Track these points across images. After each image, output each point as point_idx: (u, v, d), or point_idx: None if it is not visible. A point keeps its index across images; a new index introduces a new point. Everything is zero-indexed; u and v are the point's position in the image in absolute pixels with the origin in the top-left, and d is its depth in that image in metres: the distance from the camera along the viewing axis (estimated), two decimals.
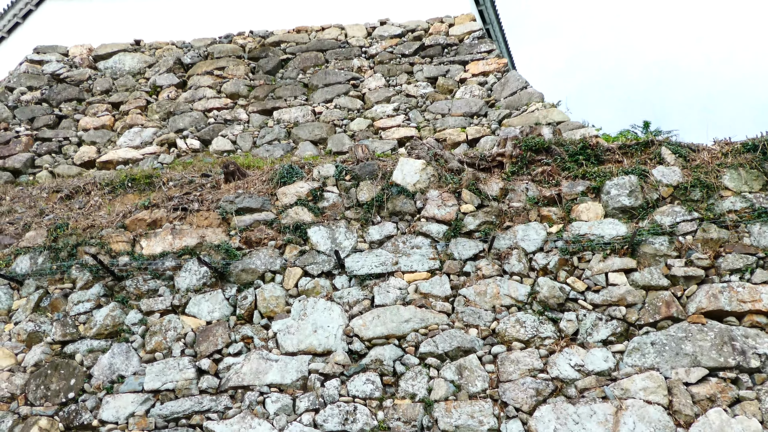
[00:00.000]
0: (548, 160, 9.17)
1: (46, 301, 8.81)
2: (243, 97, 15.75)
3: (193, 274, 8.69)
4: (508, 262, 8.25)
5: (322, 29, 17.15)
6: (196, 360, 8.02)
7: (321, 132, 14.59)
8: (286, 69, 16.33)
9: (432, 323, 7.90)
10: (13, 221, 9.90)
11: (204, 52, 16.88)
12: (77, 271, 8.94)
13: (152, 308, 8.51)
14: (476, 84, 15.09)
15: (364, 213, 8.96)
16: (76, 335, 8.47)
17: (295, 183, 9.46)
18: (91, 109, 16.02)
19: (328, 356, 7.84)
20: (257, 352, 7.94)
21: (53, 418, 7.86)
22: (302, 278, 8.50)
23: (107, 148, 15.09)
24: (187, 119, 15.26)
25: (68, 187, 10.78)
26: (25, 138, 15.26)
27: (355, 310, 8.14)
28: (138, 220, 9.39)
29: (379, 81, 15.57)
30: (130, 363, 8.12)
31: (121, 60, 17.07)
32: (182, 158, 14.29)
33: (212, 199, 9.47)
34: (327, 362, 7.77)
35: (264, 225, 9.01)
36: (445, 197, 8.87)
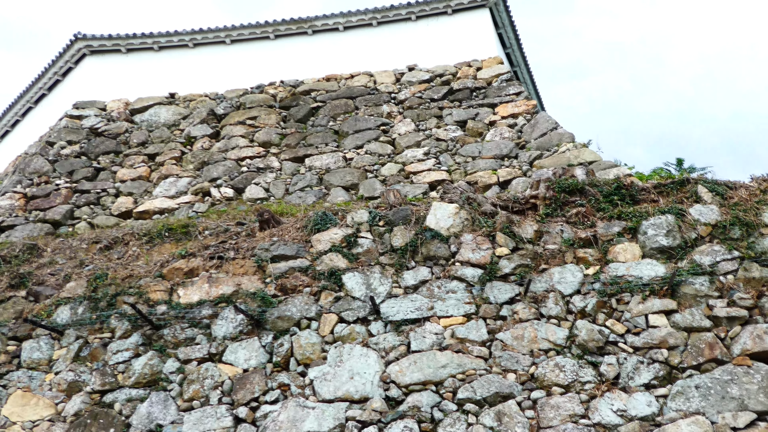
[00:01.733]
0: (582, 201, 9.13)
1: (86, 350, 8.91)
2: (275, 146, 16.02)
3: (230, 321, 8.74)
4: (545, 305, 8.17)
5: (351, 77, 17.46)
6: (234, 408, 8.01)
7: (352, 178, 14.73)
8: (317, 117, 16.60)
9: (469, 368, 7.81)
10: (54, 272, 10.09)
11: (236, 102, 17.26)
12: (116, 320, 9.06)
13: (190, 356, 8.56)
14: (506, 126, 15.17)
15: (398, 258, 8.97)
16: (115, 384, 8.53)
17: (329, 230, 9.53)
18: (128, 160, 16.40)
19: (365, 403, 7.77)
20: (294, 399, 7.91)
21: None
22: (338, 324, 8.50)
23: (143, 198, 15.40)
24: (221, 168, 15.54)
25: (107, 238, 10.98)
26: (65, 190, 15.65)
27: (391, 356, 8.09)
28: (175, 269, 9.52)
29: (408, 126, 15.74)
30: (168, 411, 8.13)
31: (156, 113, 17.52)
32: (216, 207, 14.50)
33: (247, 247, 9.57)
34: (364, 409, 7.70)
35: (299, 272, 9.06)
36: (479, 241, 8.86)
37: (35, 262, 10.58)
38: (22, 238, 13.61)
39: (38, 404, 8.53)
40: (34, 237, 13.42)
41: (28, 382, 8.77)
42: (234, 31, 18.30)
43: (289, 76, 17.68)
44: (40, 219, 15.06)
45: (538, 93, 21.49)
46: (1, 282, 10.09)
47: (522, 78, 19.85)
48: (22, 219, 15.15)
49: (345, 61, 17.67)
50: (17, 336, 9.26)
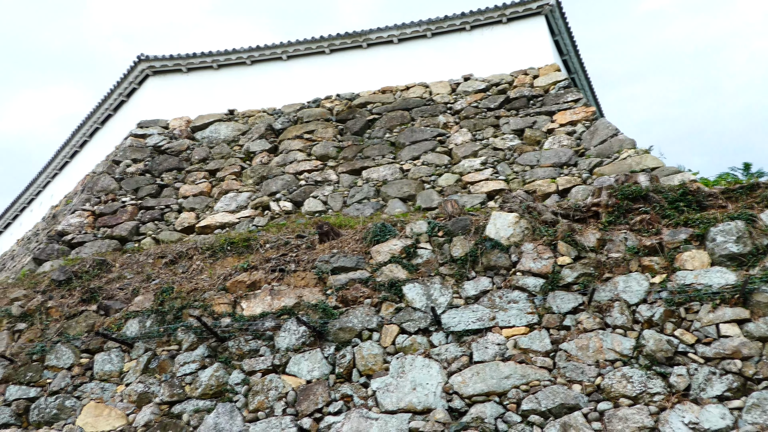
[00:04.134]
0: (646, 208, 8.92)
1: (155, 362, 9.14)
2: (332, 159, 16.19)
3: (292, 333, 8.85)
4: (610, 314, 7.99)
5: (407, 88, 17.53)
6: (298, 419, 8.08)
7: (409, 189, 14.76)
8: (373, 129, 16.72)
9: (533, 379, 7.70)
10: (122, 287, 10.41)
11: (293, 117, 17.53)
12: (182, 333, 9.27)
13: (254, 368, 8.69)
14: (564, 134, 14.97)
15: (459, 268, 8.94)
16: (183, 395, 8.72)
17: (388, 241, 9.56)
18: (190, 177, 16.83)
19: (428, 414, 7.74)
20: (357, 410, 7.94)
21: None
22: (399, 335, 8.50)
23: (205, 213, 15.76)
24: (280, 182, 15.78)
25: (172, 253, 11.28)
26: (131, 207, 16.15)
27: (453, 366, 8.04)
28: (238, 282, 9.70)
29: (465, 136, 15.70)
30: (234, 422, 8.26)
31: (216, 129, 17.94)
32: (276, 220, 14.73)
33: (308, 259, 9.68)
34: (427, 420, 7.66)
35: (359, 283, 9.12)
36: (540, 250, 8.75)
37: (105, 277, 10.94)
38: (92, 254, 14.11)
39: (110, 415, 8.80)
40: (102, 253, 13.89)
41: (100, 394, 9.05)
42: (290, 47, 18.62)
43: (345, 90, 17.87)
44: (108, 235, 15.57)
45: (596, 100, 21.15)
46: (74, 297, 10.47)
47: (580, 85, 19.58)
48: (91, 236, 15.69)
49: (400, 72, 17.76)
50: (89, 349, 9.58)
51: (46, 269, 14.27)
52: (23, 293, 10.94)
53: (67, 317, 10.12)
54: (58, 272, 11.21)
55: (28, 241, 20.83)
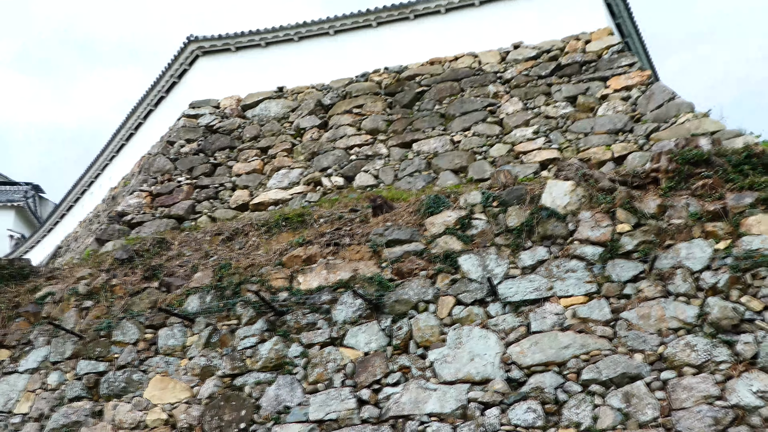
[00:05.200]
0: (709, 173, 8.63)
1: (216, 337, 9.35)
2: (382, 132, 16.15)
3: (349, 306, 8.92)
4: (672, 282, 7.80)
5: (456, 59, 17.28)
6: (356, 390, 8.18)
7: (461, 160, 14.64)
8: (422, 101, 16.58)
9: (593, 349, 7.60)
10: (182, 264, 10.65)
11: (342, 92, 17.51)
12: (242, 307, 9.45)
13: (312, 341, 8.81)
14: (619, 99, 14.59)
15: (514, 239, 8.84)
16: (244, 368, 8.91)
17: (442, 213, 9.51)
18: (242, 155, 17.03)
19: (486, 384, 7.74)
20: (415, 381, 7.99)
21: None
22: (455, 307, 8.49)
23: (258, 190, 15.95)
24: (330, 158, 15.85)
25: (228, 230, 11.47)
26: (186, 187, 16.46)
27: (511, 337, 8.00)
28: (294, 257, 9.81)
29: (516, 105, 15.44)
30: (295, 394, 8.41)
31: (266, 107, 18.06)
32: (328, 196, 14.82)
33: (362, 233, 9.72)
34: (486, 390, 7.67)
35: (414, 256, 9.11)
36: (598, 218, 8.58)
37: (165, 255, 11.21)
38: (151, 233, 14.46)
39: (175, 388, 9.06)
40: (161, 232, 14.22)
41: (165, 368, 9.32)
42: (337, 21, 18.53)
43: (393, 63, 17.73)
44: (165, 215, 15.93)
45: (652, 64, 20.50)
46: (136, 274, 10.76)
47: (634, 49, 18.98)
48: (149, 216, 16.09)
49: (448, 43, 17.50)
50: (153, 324, 9.86)
51: (108, 249, 14.70)
52: (89, 272, 11.30)
53: (131, 294, 10.42)
54: (120, 251, 11.54)
55: (90, 222, 21.48)
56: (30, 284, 11.62)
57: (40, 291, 11.26)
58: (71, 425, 9.20)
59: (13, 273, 11.91)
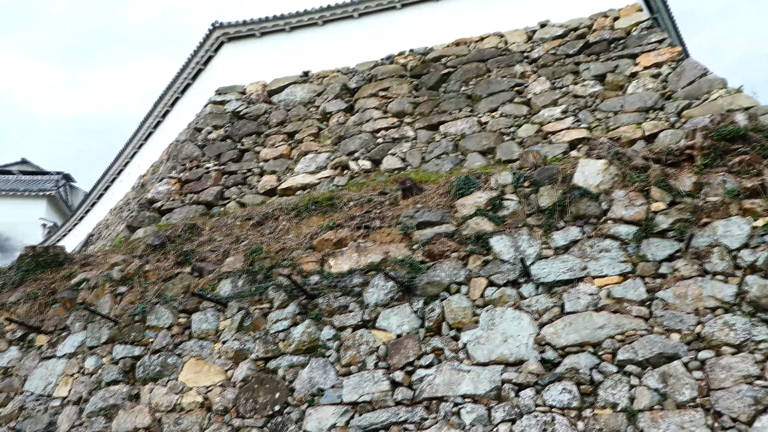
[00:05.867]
0: (746, 149, 8.45)
1: (248, 320, 9.42)
2: (408, 115, 16.07)
3: (380, 289, 8.93)
4: (709, 261, 7.68)
5: (481, 39, 17.11)
6: (390, 372, 8.20)
7: (488, 142, 14.52)
8: (448, 83, 16.45)
9: (629, 329, 7.52)
10: (213, 249, 10.74)
11: (367, 75, 17.44)
12: (273, 291, 9.50)
13: (344, 324, 8.84)
14: (649, 77, 14.34)
15: (546, 219, 8.76)
16: (277, 352, 8.97)
17: (472, 194, 9.46)
18: (269, 140, 17.08)
19: (520, 366, 7.70)
20: (448, 363, 7.98)
21: (262, 429, 8.36)
22: (488, 288, 8.44)
23: (286, 175, 16.00)
24: (357, 141, 15.82)
25: (258, 215, 11.53)
26: (214, 173, 16.56)
27: (544, 318, 7.95)
28: (324, 240, 9.83)
29: (543, 84, 15.26)
30: (328, 376, 8.46)
31: (292, 92, 18.07)
32: (355, 179, 14.81)
33: (392, 215, 9.70)
34: (520, 372, 7.63)
35: (445, 237, 9.08)
36: (632, 197, 8.46)
37: (196, 241, 11.30)
38: (181, 219, 14.60)
39: (210, 371, 9.17)
40: (191, 218, 14.35)
41: (199, 351, 9.42)
42: (361, 4, 18.44)
43: (418, 44, 17.60)
44: (195, 201, 16.06)
45: (681, 40, 20.10)
46: (168, 260, 10.87)
47: (663, 25, 18.62)
48: (178, 202, 16.23)
49: (473, 23, 17.32)
50: (186, 309, 9.96)
51: (140, 235, 14.87)
52: (122, 258, 11.44)
53: (164, 279, 10.54)
54: (152, 237, 11.66)
55: (120, 210, 21.73)
56: (65, 271, 11.82)
57: (75, 277, 11.45)
58: (109, 408, 9.36)
59: (49, 260, 12.12)
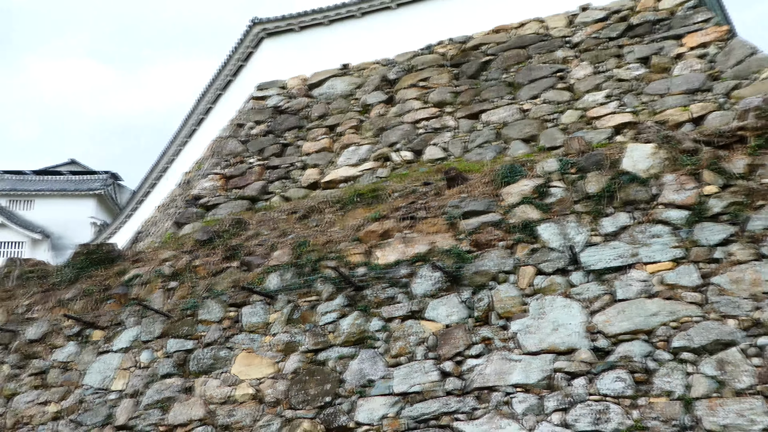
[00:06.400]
0: None
1: (297, 313, 9.52)
2: (449, 104, 16.00)
3: (427, 279, 8.92)
4: (766, 244, 7.48)
5: (521, 25, 16.93)
6: (439, 363, 8.20)
7: (531, 129, 14.40)
8: (489, 71, 16.33)
9: (683, 316, 7.38)
10: (260, 243, 10.86)
11: (407, 66, 17.40)
12: (321, 284, 9.58)
13: (392, 315, 8.86)
14: (695, 58, 14.03)
15: (594, 205, 8.63)
16: (326, 343, 9.05)
17: (518, 182, 9.37)
18: (311, 134, 17.20)
19: (571, 354, 7.63)
20: (498, 352, 7.95)
21: (314, 420, 8.46)
22: (536, 276, 8.37)
23: (328, 168, 16.10)
24: (398, 132, 15.82)
25: (303, 208, 11.63)
26: (258, 168, 16.76)
27: (595, 305, 7.85)
28: (370, 232, 9.86)
29: (586, 69, 15.04)
30: (377, 368, 8.50)
31: (332, 85, 18.14)
32: (397, 170, 14.83)
33: (437, 205, 9.68)
34: (572, 360, 7.56)
35: (491, 226, 9.02)
36: (682, 180, 8.28)
37: (243, 235, 11.45)
38: (226, 214, 14.80)
39: (261, 364, 9.30)
40: (236, 213, 14.55)
41: (250, 344, 9.56)
42: None
43: (457, 33, 17.48)
44: (239, 196, 16.29)
45: (728, 18, 19.53)
46: (217, 255, 11.04)
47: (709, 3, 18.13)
48: (223, 197, 16.48)
49: (513, 10, 17.13)
50: (236, 303, 10.11)
51: (187, 231, 15.14)
52: (171, 254, 11.66)
53: (213, 274, 10.70)
54: (200, 233, 11.85)
55: (167, 206, 22.14)
56: (117, 267, 12.09)
57: (127, 273, 11.70)
58: (164, 401, 9.57)
59: (101, 257, 12.41)
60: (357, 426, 8.18)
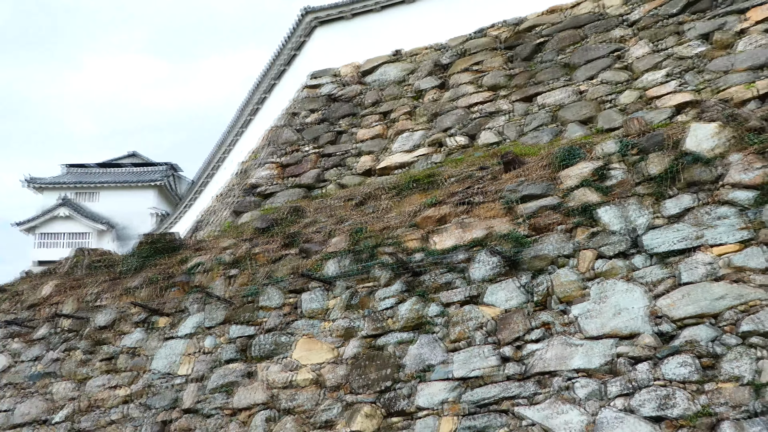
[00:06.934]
0: None
1: (355, 299, 9.62)
2: (503, 88, 15.83)
3: (485, 264, 8.89)
4: None
5: (576, 5, 16.59)
6: (498, 347, 8.18)
7: (588, 110, 14.12)
8: (543, 52, 16.07)
9: (751, 299, 7.16)
10: (318, 230, 11.00)
11: (459, 50, 17.27)
12: (378, 269, 9.65)
13: (450, 300, 8.87)
14: (760, 32, 13.49)
15: (656, 187, 8.43)
16: (385, 329, 9.13)
17: (576, 164, 9.23)
18: (364, 121, 17.26)
19: (634, 339, 7.50)
20: (559, 337, 7.87)
21: (374, 404, 8.56)
22: (596, 260, 8.25)
23: (383, 155, 16.14)
24: (452, 118, 15.74)
25: (359, 195, 11.71)
26: (313, 156, 16.92)
27: (659, 289, 7.69)
28: (426, 217, 9.87)
29: (644, 48, 14.65)
30: (436, 353, 8.54)
31: (384, 71, 18.15)
32: (452, 156, 14.77)
33: (494, 190, 9.62)
34: (635, 345, 7.43)
35: (549, 210, 8.92)
36: (749, 160, 8.01)
37: (300, 223, 11.61)
38: (283, 202, 15.02)
39: (321, 349, 9.44)
40: (293, 201, 14.74)
41: (309, 330, 9.71)
42: None
43: (510, 15, 17.24)
44: (295, 184, 16.49)
45: None
46: (275, 242, 11.23)
47: None
48: (280, 186, 16.72)
49: None
50: (295, 289, 10.28)
51: (245, 220, 15.43)
52: (231, 242, 11.92)
53: (272, 261, 10.90)
54: (259, 221, 12.07)
55: (224, 196, 22.59)
56: (180, 256, 12.42)
57: (189, 262, 12.02)
58: (228, 385, 9.82)
59: (164, 246, 12.78)
60: (417, 410, 8.23)
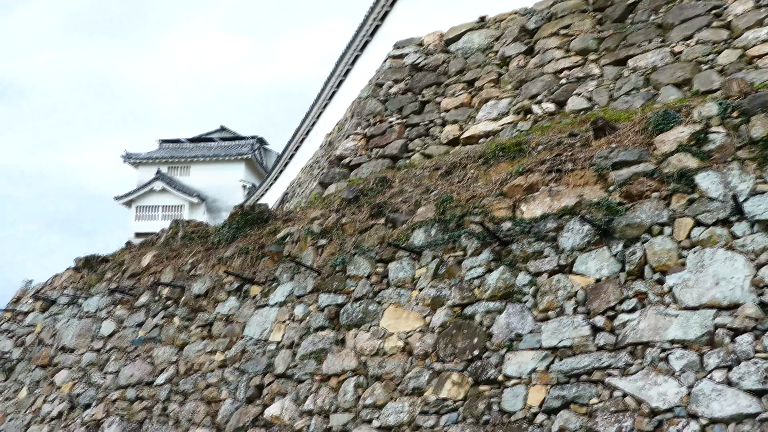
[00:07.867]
0: None
1: (443, 268, 9.64)
2: (593, 52, 15.30)
3: (576, 233, 8.71)
4: None
5: None
6: (590, 317, 8.03)
7: (683, 73, 13.48)
8: (635, 13, 15.39)
9: None
10: (405, 200, 11.06)
11: (546, 14, 16.77)
12: (466, 239, 9.62)
13: (540, 269, 8.75)
14: None
15: (760, 151, 7.99)
16: (473, 298, 9.12)
17: (672, 129, 8.86)
18: (449, 90, 17.09)
19: (734, 309, 7.19)
20: (653, 307, 7.65)
21: (462, 372, 8.60)
22: (694, 228, 7.92)
23: (468, 124, 15.97)
24: (539, 84, 15.37)
25: (445, 164, 11.66)
26: (398, 126, 16.93)
27: (762, 258, 7.32)
28: (514, 186, 9.74)
29: (746, 4, 13.78)
30: (525, 322, 8.47)
31: (469, 39, 17.86)
32: (539, 123, 14.45)
33: (584, 157, 9.37)
34: (735, 316, 7.14)
35: (644, 177, 8.61)
36: None
37: (387, 193, 11.69)
38: (369, 173, 15.14)
39: (408, 317, 9.54)
40: (379, 171, 14.83)
41: (397, 299, 9.82)
42: None
43: None
44: (381, 155, 16.57)
45: None
46: (363, 212, 11.37)
47: None
48: (365, 157, 16.84)
49: None
50: (383, 259, 10.39)
51: (332, 191, 15.67)
52: (320, 213, 12.14)
53: (360, 231, 11.05)
54: (346, 192, 12.23)
55: (311, 168, 22.99)
56: (270, 227, 12.78)
57: (279, 232, 12.35)
58: (318, 352, 10.10)
59: (255, 217, 13.16)
60: (506, 379, 8.22)
